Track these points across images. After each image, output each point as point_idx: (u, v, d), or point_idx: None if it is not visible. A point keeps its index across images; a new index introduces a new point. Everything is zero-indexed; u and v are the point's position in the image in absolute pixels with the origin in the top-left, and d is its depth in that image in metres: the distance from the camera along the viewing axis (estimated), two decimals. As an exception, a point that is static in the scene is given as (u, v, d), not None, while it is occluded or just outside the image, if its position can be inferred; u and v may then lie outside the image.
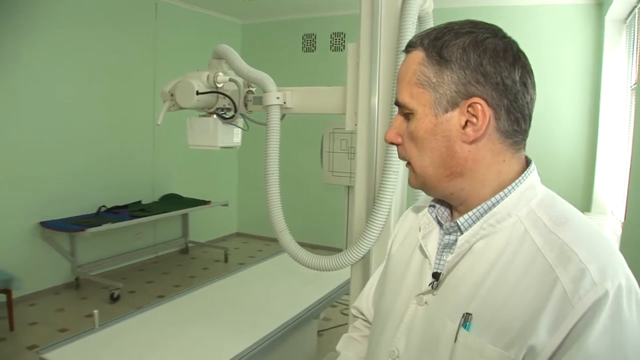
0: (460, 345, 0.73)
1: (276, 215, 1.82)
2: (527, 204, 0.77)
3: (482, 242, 0.77)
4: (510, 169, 0.79)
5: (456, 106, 0.76)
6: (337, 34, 6.00)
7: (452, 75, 0.75)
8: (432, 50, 0.77)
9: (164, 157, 5.43)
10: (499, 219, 0.77)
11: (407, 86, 0.80)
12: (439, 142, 0.78)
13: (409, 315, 0.85)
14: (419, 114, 0.78)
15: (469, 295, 0.75)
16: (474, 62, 0.74)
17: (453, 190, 0.81)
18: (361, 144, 1.70)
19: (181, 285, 4.56)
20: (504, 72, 0.74)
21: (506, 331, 0.69)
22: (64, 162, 4.38)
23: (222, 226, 6.56)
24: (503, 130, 0.76)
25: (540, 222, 0.74)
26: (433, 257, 0.84)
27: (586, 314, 0.64)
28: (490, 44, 0.75)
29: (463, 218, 0.80)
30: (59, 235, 4.21)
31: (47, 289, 4.24)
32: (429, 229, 0.88)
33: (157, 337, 1.98)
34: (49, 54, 4.19)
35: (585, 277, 0.65)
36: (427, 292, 0.82)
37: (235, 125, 1.97)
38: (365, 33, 1.63)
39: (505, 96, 0.75)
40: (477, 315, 0.73)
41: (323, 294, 2.53)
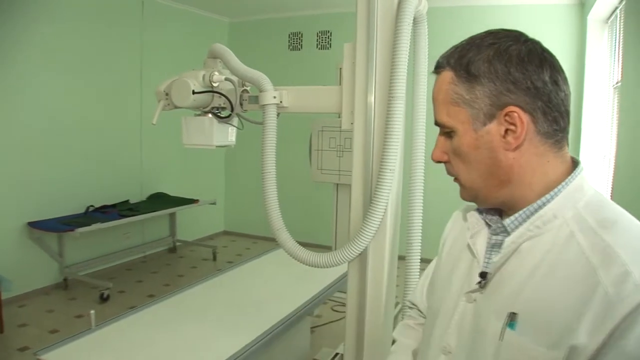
0: (506, 343, 0.76)
1: (273, 214, 1.83)
2: (574, 205, 0.78)
3: (528, 243, 0.79)
4: (555, 170, 0.81)
5: (493, 117, 0.78)
6: (323, 33, 6.02)
7: (483, 90, 0.78)
8: (459, 69, 0.81)
9: (151, 156, 5.41)
10: (545, 220, 0.78)
11: (442, 106, 0.83)
12: (483, 154, 0.81)
13: (459, 312, 0.88)
14: (459, 131, 0.82)
15: (514, 294, 0.77)
16: (502, 72, 0.77)
17: (504, 199, 0.84)
18: (358, 142, 1.73)
19: (171, 285, 4.57)
20: (532, 75, 0.76)
21: (550, 332, 0.71)
22: (51, 162, 4.35)
23: (210, 225, 6.55)
24: (543, 132, 0.78)
25: (587, 225, 0.75)
26: (481, 256, 0.87)
27: (627, 317, 0.64)
28: (514, 51, 0.77)
29: (509, 219, 0.83)
30: (47, 235, 4.18)
31: (36, 290, 4.21)
32: (476, 229, 0.91)
33: (154, 337, 1.97)
34: (35, 53, 4.15)
35: (627, 280, 0.66)
36: (476, 290, 0.85)
37: (230, 124, 1.98)
38: (361, 33, 1.66)
39: (539, 98, 0.77)
40: (522, 315, 0.75)
41: (317, 290, 2.55)
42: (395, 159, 1.58)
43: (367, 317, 1.74)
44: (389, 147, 1.57)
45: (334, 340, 3.36)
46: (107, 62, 4.82)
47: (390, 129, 1.56)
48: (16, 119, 4.05)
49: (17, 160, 4.07)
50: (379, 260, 1.72)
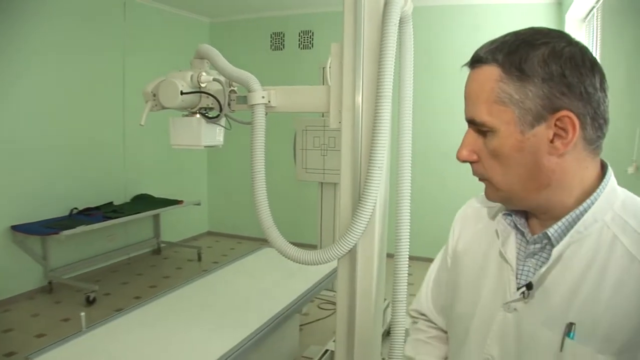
0: (568, 354, 0.74)
1: (263, 213, 1.85)
2: (610, 207, 0.78)
3: (569, 250, 0.78)
4: (590, 175, 0.80)
5: (543, 120, 0.75)
6: (305, 32, 6.04)
7: (536, 90, 0.74)
8: (510, 66, 0.76)
9: (134, 157, 5.38)
10: (586, 225, 0.77)
11: (484, 104, 0.78)
12: (526, 158, 0.77)
13: (498, 322, 0.86)
14: (501, 131, 0.77)
15: (564, 303, 0.76)
16: (557, 74, 0.73)
17: (540, 203, 0.82)
18: (346, 141, 1.75)
19: (157, 286, 4.55)
20: (586, 80, 0.74)
21: (613, 338, 0.71)
22: (33, 165, 4.31)
23: (194, 225, 6.54)
24: (588, 138, 0.77)
25: (629, 227, 0.75)
26: (514, 263, 0.85)
27: None
28: (568, 52, 0.74)
29: (553, 229, 0.80)
30: (30, 239, 4.15)
31: (20, 295, 4.17)
32: (506, 235, 0.88)
33: (144, 339, 1.98)
34: (16, 55, 4.11)
35: None
36: (518, 299, 0.83)
37: (218, 124, 1.99)
38: (348, 33, 1.68)
39: (590, 104, 0.75)
40: (580, 325, 0.74)
41: (306, 288, 2.57)
42: (384, 157, 1.61)
43: (358, 313, 1.77)
44: (377, 145, 1.59)
45: (321, 338, 3.39)
46: (89, 64, 4.79)
47: (378, 128, 1.59)
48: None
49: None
50: (368, 257, 1.74)
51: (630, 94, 2.37)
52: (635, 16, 2.35)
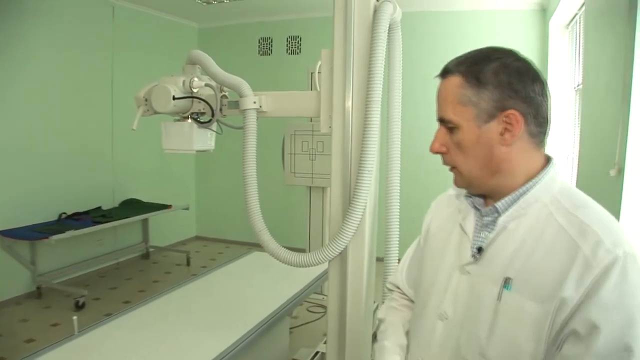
0: (503, 303, 0.93)
1: (255, 216, 1.88)
2: (549, 192, 0.96)
3: (514, 223, 0.96)
4: (535, 164, 0.99)
5: (494, 118, 0.95)
6: (293, 38, 6.07)
7: (489, 94, 0.94)
8: (470, 75, 0.96)
9: (122, 162, 5.37)
10: (528, 203, 0.96)
11: (450, 105, 0.98)
12: (482, 148, 0.97)
13: (453, 284, 1.04)
14: (463, 127, 0.97)
15: (506, 263, 0.95)
16: (506, 82, 0.94)
17: (493, 186, 1.00)
18: (336, 145, 1.78)
19: (146, 290, 4.54)
20: (528, 87, 0.94)
21: (541, 289, 0.89)
22: (21, 170, 4.28)
23: (182, 230, 6.52)
24: (530, 133, 0.96)
25: (562, 206, 0.93)
26: (471, 234, 1.04)
27: (602, 272, 0.84)
28: (515, 66, 0.95)
29: (500, 203, 0.99)
30: (18, 244, 4.11)
31: (7, 300, 4.13)
32: (466, 213, 1.07)
33: (136, 342, 1.98)
34: (2, 60, 4.09)
35: (601, 246, 0.85)
36: (470, 262, 1.01)
37: (210, 129, 2.01)
38: (338, 40, 1.72)
39: (532, 105, 0.94)
40: (516, 279, 0.92)
41: (295, 291, 2.60)
42: (373, 161, 1.65)
43: (349, 314, 1.80)
44: (367, 148, 1.63)
45: (311, 340, 3.41)
46: (78, 68, 4.77)
47: (368, 132, 1.63)
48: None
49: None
50: (358, 259, 1.78)
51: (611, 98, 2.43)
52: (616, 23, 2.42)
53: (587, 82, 3.30)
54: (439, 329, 1.04)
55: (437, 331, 1.04)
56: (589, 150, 3.01)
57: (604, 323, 0.82)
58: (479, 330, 0.96)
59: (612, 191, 2.24)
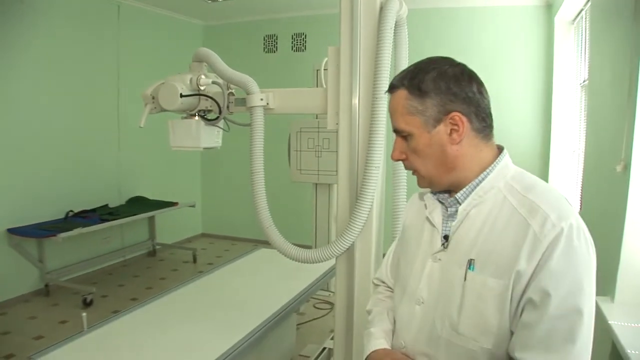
0: (469, 282, 1.01)
1: (262, 213, 1.90)
2: (503, 178, 1.05)
3: (474, 210, 1.06)
4: (486, 156, 1.08)
5: (440, 121, 1.04)
6: (298, 35, 6.07)
7: (432, 101, 1.03)
8: (412, 88, 1.05)
9: (129, 160, 5.39)
10: (485, 190, 1.05)
11: (400, 117, 1.08)
12: (435, 150, 1.06)
13: (427, 271, 1.12)
14: (415, 134, 1.06)
15: (469, 247, 1.04)
16: (444, 87, 1.03)
17: (452, 181, 1.09)
18: (343, 142, 1.79)
19: (153, 287, 4.56)
20: (465, 88, 1.03)
21: (498, 266, 0.98)
22: (29, 168, 4.30)
23: (188, 227, 6.55)
24: (476, 129, 1.05)
25: (514, 190, 1.03)
26: (439, 226, 1.12)
27: (550, 245, 0.93)
28: (451, 72, 1.04)
29: (459, 193, 1.09)
30: (26, 241, 4.14)
31: (16, 298, 4.16)
32: (433, 207, 1.16)
33: (145, 339, 1.99)
34: (10, 59, 4.11)
35: (547, 222, 0.95)
36: (440, 250, 1.10)
37: (217, 126, 2.02)
38: (345, 37, 1.73)
39: (472, 104, 1.04)
40: (477, 259, 1.01)
41: (302, 287, 2.60)
42: (380, 157, 1.66)
43: (356, 310, 1.81)
44: (373, 145, 1.64)
45: (318, 337, 3.43)
46: (84, 67, 4.79)
47: (375, 129, 1.64)
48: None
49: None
50: (365, 255, 1.79)
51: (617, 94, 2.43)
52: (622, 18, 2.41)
53: (592, 77, 3.29)
54: (417, 313, 1.12)
55: (416, 315, 1.12)
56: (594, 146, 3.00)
57: (554, 289, 0.91)
58: (451, 309, 1.04)
59: (618, 187, 2.24)
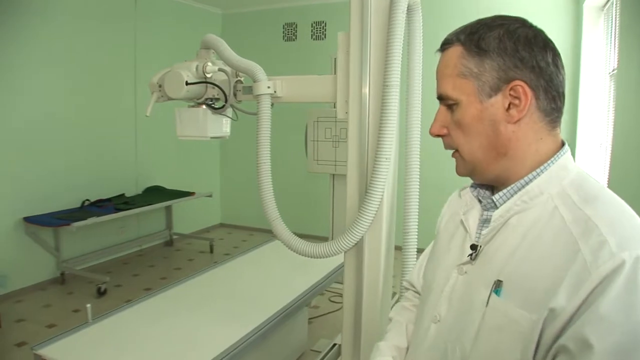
0: (491, 308, 0.81)
1: (269, 204, 1.83)
2: (559, 182, 0.82)
3: (515, 218, 0.84)
4: (546, 148, 0.85)
5: (499, 91, 0.83)
6: (317, 23, 5.98)
7: (492, 64, 0.83)
8: (470, 44, 0.85)
9: (146, 149, 5.38)
10: (531, 196, 0.83)
11: (449, 79, 0.87)
12: (486, 126, 0.85)
13: (450, 284, 0.93)
14: (463, 103, 0.86)
15: (501, 264, 0.82)
16: (511, 49, 0.82)
17: (499, 172, 0.88)
18: (353, 131, 1.72)
19: (167, 278, 4.56)
20: (538, 56, 0.82)
21: (531, 296, 0.76)
22: (46, 157, 4.32)
23: (206, 217, 6.54)
24: (542, 109, 0.83)
25: (570, 200, 0.80)
26: (473, 231, 0.92)
27: (603, 281, 0.69)
28: (522, 32, 0.83)
29: (498, 195, 0.87)
30: (43, 230, 4.16)
31: (32, 285, 4.19)
32: (470, 206, 0.96)
33: (151, 330, 1.97)
34: (28, 49, 4.11)
35: (604, 248, 0.71)
36: (467, 262, 0.90)
37: (224, 115, 1.96)
38: (355, 22, 1.64)
39: (542, 77, 0.82)
40: (507, 282, 0.80)
41: (314, 281, 2.55)
42: (391, 148, 1.57)
43: (364, 307, 1.74)
44: (384, 135, 1.56)
45: (331, 331, 3.36)
46: (101, 56, 4.78)
47: (386, 118, 1.55)
48: (10, 114, 4.02)
49: (12, 156, 4.04)
50: (375, 250, 1.71)
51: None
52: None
53: (622, 66, 3.15)
54: (432, 332, 0.94)
55: (430, 334, 0.95)
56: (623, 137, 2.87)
57: (599, 341, 0.67)
58: (465, 336, 0.85)
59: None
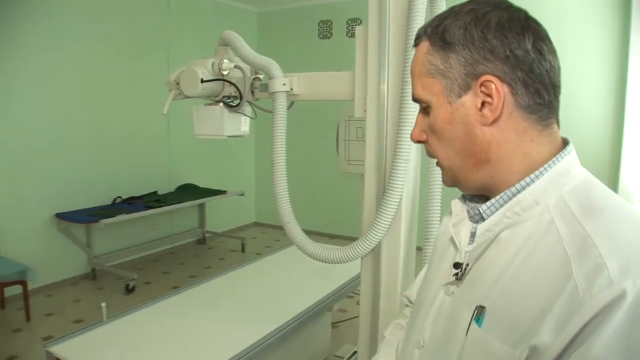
0: (470, 339, 0.69)
1: (283, 207, 1.76)
2: (558, 190, 0.69)
3: (507, 232, 0.71)
4: (539, 150, 0.71)
5: (468, 89, 0.71)
6: (353, 20, 5.90)
7: (458, 58, 0.70)
8: (435, 37, 0.73)
9: (179, 147, 5.42)
10: (524, 206, 0.70)
11: (418, 79, 0.76)
12: (458, 130, 0.72)
13: (436, 305, 0.81)
14: (434, 104, 0.74)
15: (487, 288, 0.70)
16: (478, 38, 0.69)
17: (483, 181, 0.75)
18: (371, 130, 1.64)
19: (196, 276, 4.56)
20: (512, 43, 0.68)
21: (515, 328, 0.64)
22: (80, 154, 4.38)
23: (240, 216, 6.54)
24: (524, 106, 0.69)
25: (569, 212, 0.66)
26: (463, 247, 0.79)
27: (597, 315, 0.56)
28: (494, 16, 0.69)
29: (485, 205, 0.74)
30: (75, 226, 4.22)
31: (64, 280, 4.27)
32: (460, 218, 0.82)
33: (165, 330, 1.95)
34: (64, 44, 4.18)
35: (601, 274, 0.57)
36: (453, 282, 0.78)
37: (242, 113, 1.91)
38: (373, 15, 1.56)
39: (519, 68, 0.68)
40: (490, 309, 0.68)
41: (336, 286, 2.48)
42: (410, 148, 1.48)
43: (381, 315, 1.66)
44: (402, 136, 1.47)
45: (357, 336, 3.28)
46: (134, 55, 4.83)
47: (404, 117, 1.47)
48: (44, 112, 4.09)
49: (46, 153, 4.11)
50: (393, 255, 1.63)
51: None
52: None
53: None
54: (415, 358, 0.83)
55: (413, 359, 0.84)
56: None
57: None
58: None
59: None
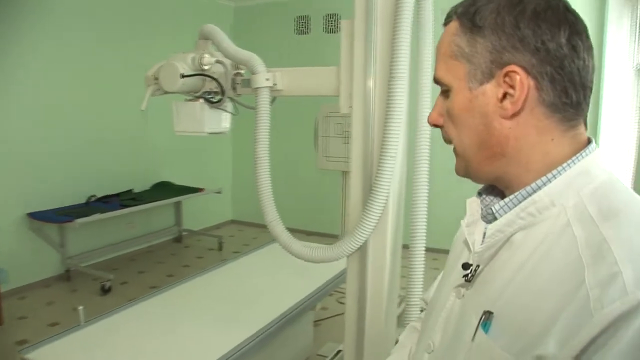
0: (476, 346, 0.66)
1: (267, 204, 1.73)
2: (577, 192, 0.64)
3: (521, 234, 0.67)
4: (560, 150, 0.67)
5: (492, 77, 0.67)
6: (330, 16, 5.88)
7: (485, 43, 0.67)
8: (464, 18, 0.69)
9: (155, 145, 5.31)
10: (540, 207, 0.66)
11: (442, 60, 0.73)
12: (476, 119, 0.69)
13: (447, 309, 0.78)
14: (454, 89, 0.71)
15: (497, 292, 0.67)
16: (510, 25, 0.65)
17: (497, 174, 0.72)
18: (357, 127, 1.60)
19: (174, 275, 4.48)
20: (545, 35, 0.63)
21: (521, 337, 0.60)
22: (52, 152, 4.26)
23: (217, 214, 6.46)
24: (548, 103, 0.66)
25: (587, 214, 0.61)
26: (476, 246, 0.75)
27: (608, 328, 0.52)
28: (530, 3, 0.65)
29: (499, 205, 0.71)
30: (47, 226, 4.10)
31: (37, 282, 4.13)
32: (474, 218, 0.79)
33: (146, 333, 1.90)
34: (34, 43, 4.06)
35: (615, 283, 0.53)
36: (463, 284, 0.75)
37: (223, 109, 1.86)
38: (360, 8, 1.52)
39: (549, 62, 0.64)
40: (498, 316, 0.65)
41: (319, 284, 2.45)
42: (397, 145, 1.46)
43: (368, 314, 1.63)
44: (389, 131, 1.45)
45: (339, 334, 3.25)
46: (108, 49, 4.72)
47: (392, 112, 1.44)
48: (14, 108, 3.96)
49: (17, 150, 3.98)
50: (380, 254, 1.60)
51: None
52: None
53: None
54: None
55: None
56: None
57: None
58: None
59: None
